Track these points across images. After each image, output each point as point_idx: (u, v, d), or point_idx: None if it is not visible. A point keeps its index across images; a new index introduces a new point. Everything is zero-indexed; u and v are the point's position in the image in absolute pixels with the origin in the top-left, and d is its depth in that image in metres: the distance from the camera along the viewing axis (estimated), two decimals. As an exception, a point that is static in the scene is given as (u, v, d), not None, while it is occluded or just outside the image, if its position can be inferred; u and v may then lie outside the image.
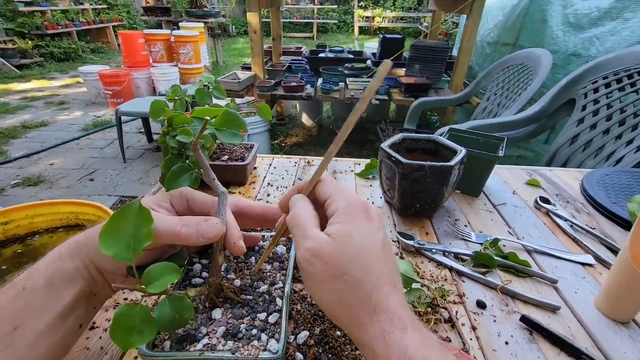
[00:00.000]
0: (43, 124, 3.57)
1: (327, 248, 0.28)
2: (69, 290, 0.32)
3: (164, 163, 0.34)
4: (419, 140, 0.71)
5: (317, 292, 0.29)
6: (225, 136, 0.32)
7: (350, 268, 0.27)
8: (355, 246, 0.28)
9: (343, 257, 0.27)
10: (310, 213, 0.31)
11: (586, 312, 0.47)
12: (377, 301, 0.27)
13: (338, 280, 0.27)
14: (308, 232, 0.29)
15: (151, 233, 0.30)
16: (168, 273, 0.31)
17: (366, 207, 0.31)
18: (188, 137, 0.31)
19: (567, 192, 0.78)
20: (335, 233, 0.28)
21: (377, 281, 0.27)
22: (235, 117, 0.32)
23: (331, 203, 0.31)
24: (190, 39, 4.38)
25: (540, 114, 1.60)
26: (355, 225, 0.29)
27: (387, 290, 0.27)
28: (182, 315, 0.31)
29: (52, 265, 0.32)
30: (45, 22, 6.22)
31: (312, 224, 0.30)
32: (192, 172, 0.34)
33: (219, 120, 0.31)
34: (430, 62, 2.85)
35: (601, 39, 1.83)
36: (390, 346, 0.25)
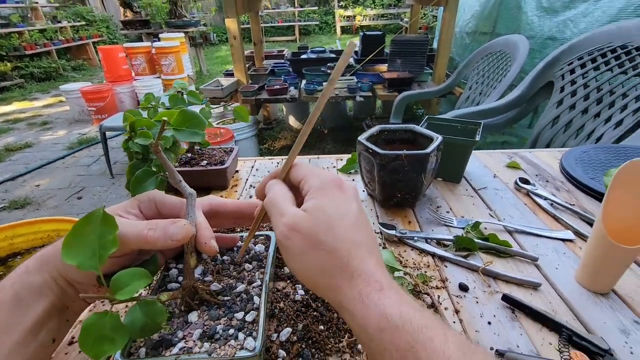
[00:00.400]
0: (27, 145, 3.51)
1: (303, 221, 0.29)
2: (38, 304, 0.31)
3: (129, 169, 0.34)
4: (396, 131, 0.72)
5: (296, 265, 0.30)
6: (184, 136, 0.31)
7: (325, 238, 0.28)
8: (329, 217, 0.29)
9: (318, 229, 0.28)
10: (286, 193, 0.32)
11: (567, 286, 0.47)
12: (354, 266, 0.28)
13: (315, 251, 0.28)
14: (284, 210, 0.30)
15: (116, 239, 0.30)
16: (137, 279, 0.31)
17: (339, 181, 0.32)
18: (147, 140, 0.31)
19: (546, 172, 0.79)
20: (310, 207, 0.30)
21: (351, 248, 0.28)
22: (194, 116, 0.32)
23: (305, 183, 0.32)
24: (172, 50, 4.36)
25: (520, 98, 1.62)
26: (328, 198, 0.30)
27: (362, 255, 0.29)
28: (154, 320, 0.30)
29: (19, 280, 0.31)
30: (23, 42, 6.12)
31: (288, 202, 0.31)
32: (158, 176, 0.33)
33: (177, 120, 0.31)
34: (411, 55, 2.88)
35: (574, 21, 1.86)
36: (368, 306, 0.26)
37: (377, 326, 0.25)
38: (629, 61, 1.32)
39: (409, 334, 0.24)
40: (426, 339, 0.24)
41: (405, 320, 0.25)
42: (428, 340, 0.24)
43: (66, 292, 0.33)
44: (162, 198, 0.37)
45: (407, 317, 0.25)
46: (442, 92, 2.52)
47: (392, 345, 0.25)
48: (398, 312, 0.25)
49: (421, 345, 0.24)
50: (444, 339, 0.24)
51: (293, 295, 0.46)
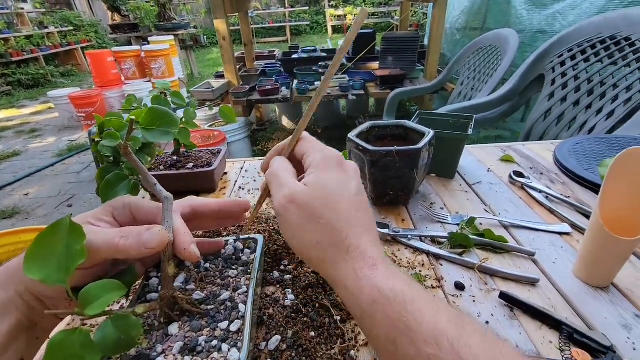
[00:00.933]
0: (15, 153, 3.45)
1: (302, 194, 0.29)
2: (2, 323, 0.28)
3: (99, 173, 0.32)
4: (387, 127, 0.70)
5: (293, 237, 0.30)
6: (155, 135, 0.29)
7: (323, 212, 0.29)
8: (329, 192, 0.29)
9: (317, 202, 0.29)
10: (287, 167, 0.33)
11: (565, 281, 0.46)
12: (350, 242, 0.28)
13: (312, 224, 0.29)
14: (284, 182, 0.31)
15: (84, 249, 0.27)
16: (108, 291, 0.28)
17: (341, 159, 0.32)
18: (115, 141, 0.29)
19: (540, 165, 0.77)
20: (310, 181, 0.30)
21: (348, 223, 0.29)
22: (165, 114, 0.29)
23: (307, 157, 0.32)
24: (161, 53, 4.31)
25: (512, 92, 1.61)
26: (329, 174, 0.31)
27: (358, 232, 0.29)
28: (128, 335, 0.28)
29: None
30: (10, 49, 6.02)
31: (289, 175, 0.32)
32: (130, 180, 0.31)
33: (146, 119, 0.29)
34: (402, 52, 2.87)
35: (563, 14, 1.86)
36: (361, 280, 0.27)
37: (369, 299, 0.26)
38: (618, 52, 1.32)
39: (400, 304, 0.25)
40: (416, 309, 0.25)
41: (397, 293, 0.25)
42: (418, 311, 0.24)
43: (34, 308, 0.30)
44: (137, 203, 0.34)
45: (399, 290, 0.26)
46: (434, 89, 2.51)
47: (383, 316, 0.25)
48: (390, 285, 0.26)
49: (412, 315, 0.24)
50: (434, 310, 0.25)
51: (283, 301, 0.44)
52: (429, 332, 0.23)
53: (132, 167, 0.31)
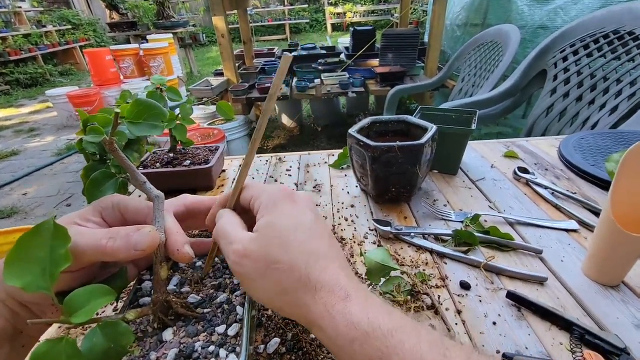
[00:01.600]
0: (13, 153, 3.43)
1: (253, 244, 0.27)
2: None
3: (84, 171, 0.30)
4: (388, 122, 0.68)
5: (255, 290, 0.28)
6: (141, 129, 0.27)
7: (279, 256, 0.26)
8: (281, 232, 0.27)
9: (270, 247, 0.27)
10: (234, 220, 0.30)
11: (574, 280, 0.44)
12: (315, 278, 0.26)
13: (271, 271, 0.26)
14: (232, 237, 0.28)
15: (68, 253, 0.26)
16: (96, 297, 0.27)
17: (288, 192, 0.30)
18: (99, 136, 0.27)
19: (545, 160, 0.76)
20: (260, 226, 0.28)
21: (310, 259, 0.27)
22: (152, 107, 0.28)
23: (254, 202, 0.30)
24: (160, 51, 4.28)
25: (513, 88, 1.59)
26: (279, 212, 0.28)
27: (322, 265, 0.27)
28: (118, 344, 0.26)
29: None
30: (7, 48, 5.99)
31: (236, 228, 0.29)
32: (117, 178, 0.29)
33: (132, 112, 0.27)
34: (402, 49, 2.84)
35: (565, 9, 1.84)
36: (335, 318, 0.25)
37: (346, 337, 0.24)
38: (621, 46, 1.30)
39: (378, 339, 0.23)
40: (397, 342, 0.23)
41: (375, 327, 0.24)
42: (399, 343, 0.23)
43: (18, 314, 0.28)
44: (126, 202, 0.32)
45: (376, 323, 0.24)
46: (434, 85, 2.49)
47: (363, 355, 0.23)
48: (365, 318, 0.24)
49: (392, 350, 0.23)
50: (416, 339, 0.23)
51: (282, 301, 0.43)
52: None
53: (119, 164, 0.29)
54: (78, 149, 0.31)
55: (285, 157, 0.84)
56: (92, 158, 0.31)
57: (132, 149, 0.31)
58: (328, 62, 3.08)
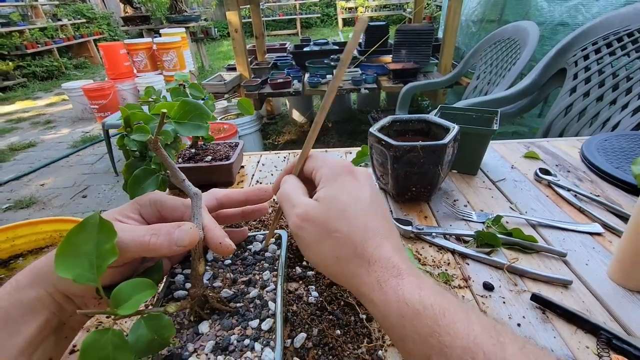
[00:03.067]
0: (31, 144, 3.51)
1: (315, 210, 0.29)
2: (31, 323, 0.28)
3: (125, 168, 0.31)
4: (409, 121, 0.68)
5: (312, 254, 0.30)
6: (187, 129, 0.28)
7: (339, 225, 0.28)
8: (341, 204, 0.29)
9: (330, 216, 0.28)
10: (297, 185, 0.32)
11: (600, 284, 0.44)
12: (370, 252, 0.27)
13: (329, 239, 0.28)
14: (295, 201, 0.30)
15: (115, 248, 0.27)
16: (140, 290, 0.28)
17: (350, 168, 0.31)
18: (145, 135, 0.28)
19: (567, 162, 0.75)
20: (322, 196, 0.30)
21: (367, 233, 0.28)
22: (197, 107, 0.28)
23: (316, 172, 0.32)
24: (173, 45, 4.32)
25: (531, 86, 1.57)
26: (339, 185, 0.30)
27: (378, 240, 0.28)
28: (161, 336, 0.27)
29: (8, 298, 0.28)
30: (25, 41, 6.10)
31: (299, 193, 0.31)
32: (158, 175, 0.30)
33: (178, 112, 0.28)
34: (416, 45, 2.81)
35: (587, 5, 1.79)
36: (387, 292, 0.26)
37: (397, 312, 0.25)
38: (646, 45, 1.27)
39: (430, 318, 0.24)
40: (449, 322, 0.23)
41: (426, 305, 0.24)
42: (451, 323, 0.23)
43: (64, 307, 0.30)
44: (163, 200, 0.34)
45: (428, 302, 0.24)
46: (448, 83, 2.46)
47: (413, 331, 0.24)
48: (418, 296, 0.25)
49: (444, 330, 0.23)
50: (467, 321, 0.23)
51: (306, 298, 0.43)
52: (463, 347, 0.22)
53: (160, 162, 0.30)
54: (118, 145, 0.32)
55: (303, 154, 0.85)
56: (133, 155, 0.32)
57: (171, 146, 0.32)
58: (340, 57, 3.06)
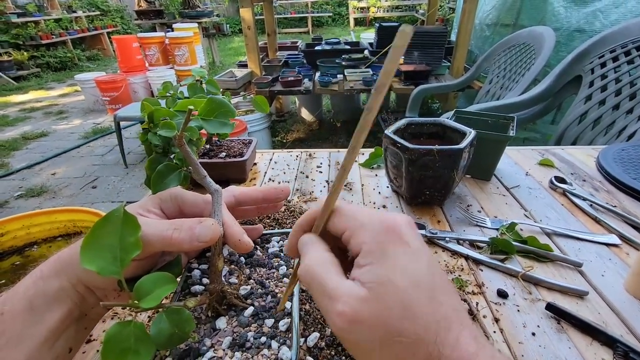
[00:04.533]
0: (43, 134, 3.56)
1: (366, 308, 0.21)
2: (54, 312, 0.29)
3: (148, 163, 0.31)
4: (424, 124, 0.68)
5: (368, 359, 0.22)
6: (213, 126, 0.28)
7: (402, 326, 0.21)
8: (401, 293, 0.21)
9: (390, 315, 0.21)
10: (328, 259, 0.24)
11: (616, 296, 0.44)
12: (448, 355, 0.21)
13: (392, 345, 0.21)
14: (331, 289, 0.22)
15: (139, 241, 0.27)
16: (162, 284, 0.28)
17: (395, 227, 0.23)
18: (171, 131, 0.28)
19: (582, 171, 0.74)
20: (370, 281, 0.22)
21: (439, 329, 0.21)
22: (223, 105, 0.29)
23: (351, 237, 0.24)
24: (185, 40, 4.35)
25: (546, 93, 1.55)
26: (391, 262, 0.22)
27: (454, 334, 0.21)
28: (182, 330, 0.28)
29: (33, 287, 0.29)
30: (39, 32, 6.19)
31: (334, 274, 0.23)
32: (180, 171, 0.31)
33: (204, 109, 0.28)
34: (429, 47, 2.79)
35: (605, 12, 1.77)
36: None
37: None
38: (667, 54, 1.25)
39: None
40: None
41: None
42: None
43: (85, 298, 0.30)
44: (184, 195, 0.34)
45: None
46: (460, 86, 2.44)
47: None
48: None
49: None
50: None
51: (319, 297, 0.43)
52: None
53: (183, 158, 0.31)
54: (141, 140, 0.33)
55: (315, 154, 0.85)
56: (156, 150, 0.32)
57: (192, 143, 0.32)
58: (352, 57, 3.06)
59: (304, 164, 0.81)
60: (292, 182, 0.73)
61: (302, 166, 0.80)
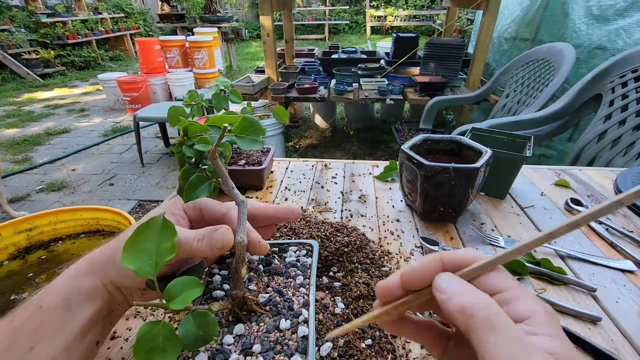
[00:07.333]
0: (65, 130, 3.69)
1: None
2: (86, 309, 0.31)
3: (181, 174, 0.34)
4: (440, 141, 0.69)
5: None
6: (245, 143, 0.31)
7: None
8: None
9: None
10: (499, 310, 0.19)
11: (631, 323, 0.43)
12: None
13: None
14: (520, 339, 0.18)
15: (174, 247, 0.29)
16: (190, 287, 0.30)
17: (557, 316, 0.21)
18: (206, 146, 0.30)
19: (599, 193, 0.73)
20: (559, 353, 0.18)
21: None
22: (254, 123, 0.31)
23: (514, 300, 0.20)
24: (205, 44, 4.45)
25: (564, 110, 1.53)
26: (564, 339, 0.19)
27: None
28: (206, 332, 0.30)
29: (68, 284, 0.32)
30: (66, 32, 6.43)
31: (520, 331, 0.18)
32: (210, 182, 0.33)
33: (238, 127, 0.30)
34: (445, 60, 2.80)
35: (628, 31, 1.74)
36: None
37: None
38: (691, 76, 1.22)
39: None
40: None
41: None
42: None
43: (114, 297, 0.33)
44: (207, 203, 0.37)
45: None
46: (476, 99, 2.44)
47: None
48: None
49: None
50: None
51: (332, 308, 0.45)
52: None
53: (213, 169, 0.33)
54: (175, 152, 0.35)
55: (330, 164, 0.87)
56: (188, 161, 0.34)
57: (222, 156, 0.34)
58: (368, 67, 3.08)
59: (319, 174, 0.82)
60: (308, 192, 0.75)
61: (318, 176, 0.81)
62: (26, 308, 0.30)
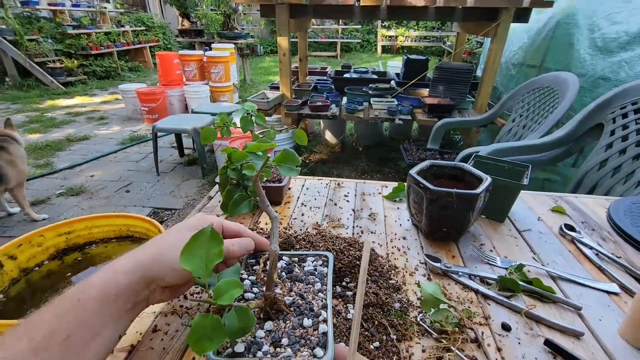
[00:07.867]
0: (85, 137, 3.84)
1: None
2: (119, 303, 0.37)
3: (226, 193, 0.41)
4: (446, 167, 0.76)
5: None
6: (284, 170, 0.38)
7: None
8: None
9: None
10: None
11: (611, 340, 0.49)
12: None
13: None
14: None
15: (222, 253, 0.36)
16: (233, 287, 0.37)
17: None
18: (252, 172, 0.38)
19: (593, 220, 0.79)
20: None
21: None
22: (292, 154, 0.38)
23: None
24: (222, 60, 4.63)
25: (567, 137, 1.59)
26: None
27: None
28: (246, 325, 0.36)
29: (106, 281, 0.37)
30: (90, 43, 6.74)
31: None
32: (250, 200, 0.40)
33: (280, 157, 0.38)
34: (454, 83, 2.89)
35: (630, 63, 1.81)
36: None
37: None
38: (689, 111, 1.28)
39: None
40: None
41: None
42: None
43: (153, 293, 0.40)
44: (225, 222, 0.46)
45: None
46: (483, 122, 2.51)
47: None
48: None
49: None
50: None
51: (345, 314, 0.51)
52: None
53: (253, 190, 0.40)
54: (220, 174, 0.42)
55: (343, 183, 0.94)
56: (231, 182, 0.42)
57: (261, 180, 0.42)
58: (379, 87, 3.19)
59: (332, 192, 0.90)
60: (322, 209, 0.81)
61: (331, 194, 0.88)
62: (64, 300, 0.34)
